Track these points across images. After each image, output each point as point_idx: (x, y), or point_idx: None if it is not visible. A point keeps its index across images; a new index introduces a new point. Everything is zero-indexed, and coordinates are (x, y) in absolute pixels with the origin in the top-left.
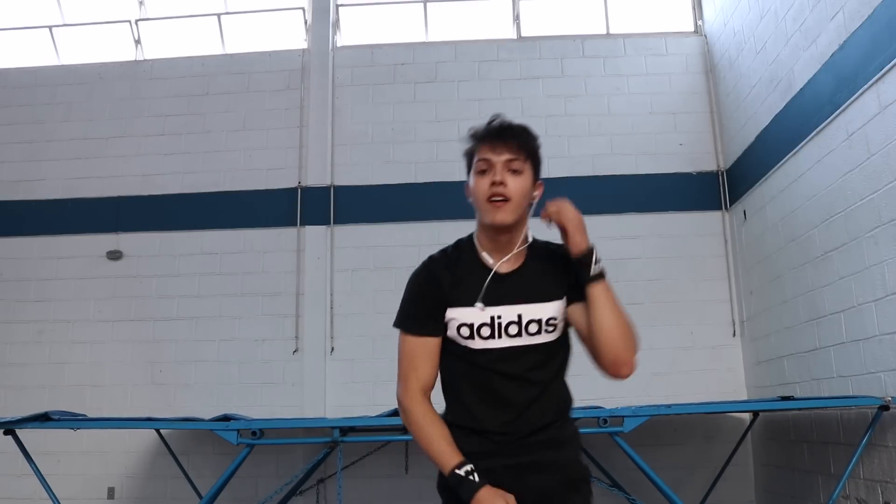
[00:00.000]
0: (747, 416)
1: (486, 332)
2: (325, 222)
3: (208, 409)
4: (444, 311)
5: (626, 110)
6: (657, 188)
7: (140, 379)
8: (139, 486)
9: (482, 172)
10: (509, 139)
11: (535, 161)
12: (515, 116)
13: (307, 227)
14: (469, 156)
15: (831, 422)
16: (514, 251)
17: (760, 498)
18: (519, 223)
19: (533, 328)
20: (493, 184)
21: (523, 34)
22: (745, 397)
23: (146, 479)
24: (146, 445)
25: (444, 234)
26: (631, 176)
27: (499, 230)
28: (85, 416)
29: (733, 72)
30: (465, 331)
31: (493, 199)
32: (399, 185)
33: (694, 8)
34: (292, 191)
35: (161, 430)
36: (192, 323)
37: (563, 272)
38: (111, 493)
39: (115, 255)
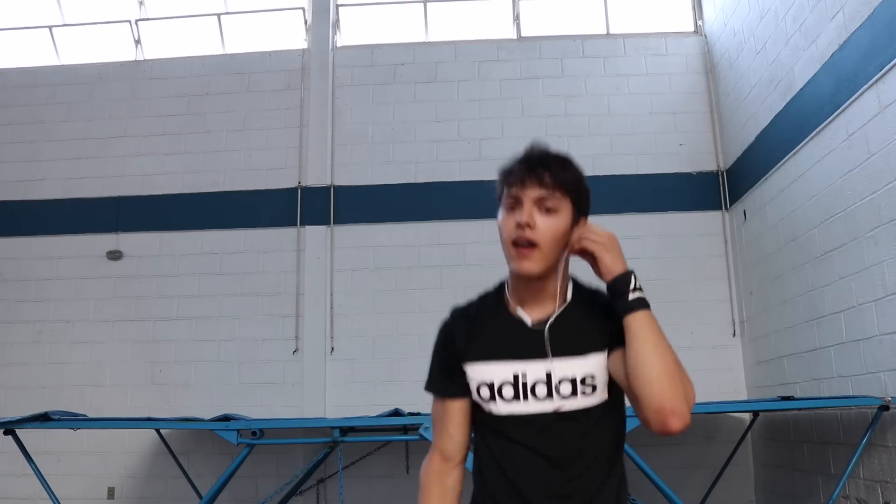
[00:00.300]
0: (747, 416)
1: (508, 392)
2: (325, 222)
3: (208, 409)
4: (462, 369)
5: (627, 110)
6: (657, 188)
7: (140, 379)
8: (139, 485)
9: (511, 209)
10: (541, 172)
11: (576, 196)
12: (515, 116)
13: (307, 227)
14: (499, 189)
15: (831, 422)
16: (557, 311)
17: (760, 498)
18: (551, 271)
19: (565, 388)
20: (519, 225)
21: (523, 34)
22: (745, 397)
23: (146, 478)
24: (146, 445)
25: (444, 234)
26: (631, 176)
27: (527, 278)
28: (85, 416)
29: (733, 72)
30: (485, 391)
31: (518, 243)
32: (399, 185)
33: (694, 8)
34: (292, 191)
35: (161, 430)
36: (193, 323)
37: (606, 319)
38: (111, 492)
39: (115, 255)
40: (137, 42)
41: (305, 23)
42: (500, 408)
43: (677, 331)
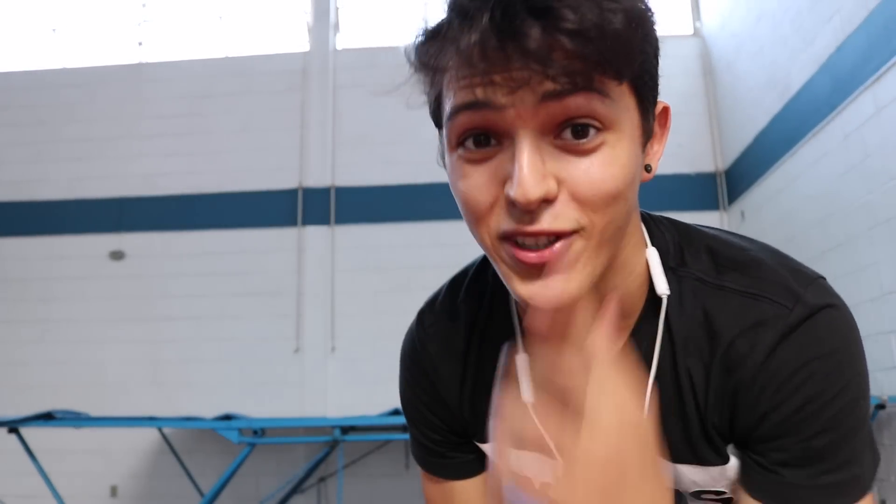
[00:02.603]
0: None
1: None
2: (326, 222)
3: (210, 409)
4: (467, 439)
5: None
6: (656, 189)
7: (142, 378)
8: (141, 484)
9: (475, 153)
10: (541, 47)
11: (642, 72)
12: None
13: (308, 227)
14: (431, 93)
15: None
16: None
17: None
18: (612, 263)
19: None
20: (512, 203)
21: None
22: None
23: (148, 477)
24: (148, 444)
25: (444, 234)
26: None
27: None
28: (88, 415)
29: (731, 74)
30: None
31: (523, 242)
32: (400, 185)
33: (692, 11)
34: (293, 191)
35: (163, 429)
36: (194, 323)
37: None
38: (114, 491)
39: (117, 255)
40: (139, 44)
41: (307, 25)
42: None
43: None
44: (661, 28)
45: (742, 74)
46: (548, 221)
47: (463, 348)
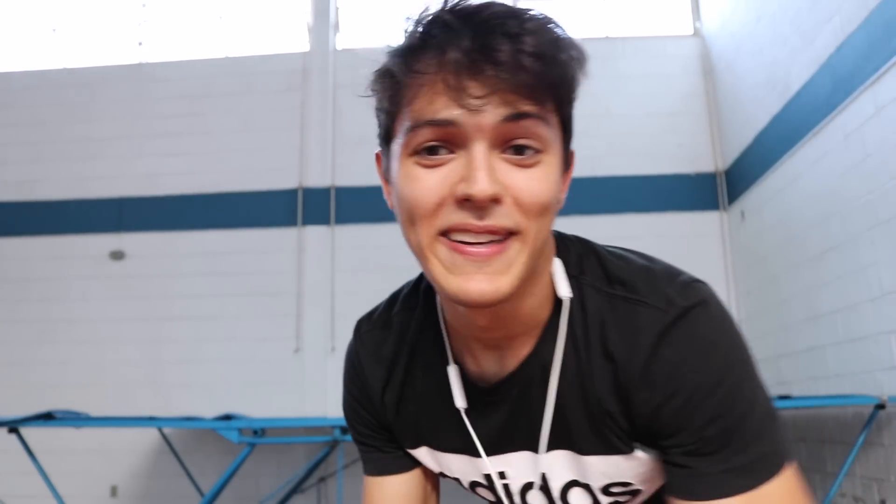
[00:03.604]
0: None
1: (487, 495)
2: (326, 222)
3: (210, 408)
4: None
5: (626, 112)
6: (656, 189)
7: (142, 378)
8: (141, 484)
9: (429, 160)
10: (511, 55)
11: (568, 110)
12: None
13: (308, 227)
14: (386, 104)
15: (828, 420)
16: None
17: None
18: (532, 275)
19: (580, 499)
20: (467, 200)
21: None
22: None
23: (148, 477)
24: (148, 444)
25: None
26: (630, 177)
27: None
28: (88, 415)
29: (731, 74)
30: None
31: (463, 239)
32: None
33: (692, 11)
34: (293, 191)
35: (163, 429)
36: (194, 323)
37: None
38: (114, 491)
39: (117, 255)
40: (140, 44)
41: (307, 25)
42: None
43: None
44: (662, 28)
45: (742, 74)
46: (494, 219)
47: (391, 356)
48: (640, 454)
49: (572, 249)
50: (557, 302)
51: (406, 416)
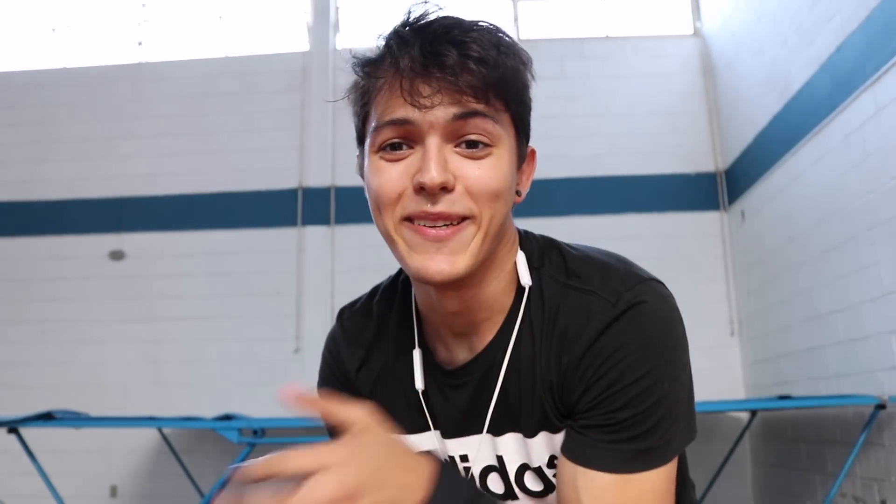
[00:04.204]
0: (745, 415)
1: None
2: (326, 222)
3: (210, 409)
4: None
5: (626, 111)
6: (656, 189)
7: (142, 378)
8: (141, 484)
9: (393, 154)
10: (457, 59)
11: (519, 108)
12: None
13: (308, 227)
14: (358, 109)
15: (828, 420)
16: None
17: (758, 496)
18: (490, 259)
19: (533, 483)
20: (422, 188)
21: (522, 36)
22: (742, 396)
23: (148, 477)
24: (148, 444)
25: None
26: (630, 177)
27: (445, 285)
28: (88, 415)
29: (731, 73)
30: None
31: (423, 224)
32: None
33: (692, 10)
34: (293, 191)
35: (163, 429)
36: (194, 323)
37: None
38: (114, 491)
39: (117, 255)
40: (140, 44)
41: (306, 25)
42: None
43: None
44: (662, 28)
45: (742, 74)
46: (446, 205)
47: (369, 340)
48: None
49: (535, 245)
50: (520, 290)
51: (381, 398)
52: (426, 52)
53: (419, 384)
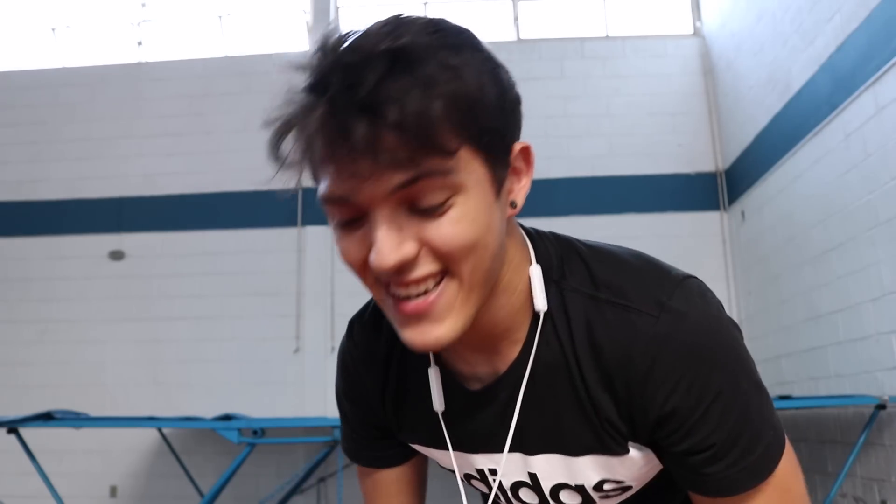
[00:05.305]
0: None
1: (481, 487)
2: (326, 222)
3: (209, 409)
4: (390, 434)
5: (626, 111)
6: (656, 189)
7: (142, 378)
8: (141, 484)
9: (346, 225)
10: (366, 140)
11: (482, 132)
12: None
13: (308, 227)
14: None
15: (828, 421)
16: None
17: None
18: (494, 288)
19: (570, 498)
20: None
21: (522, 36)
22: None
23: (148, 477)
24: (148, 444)
25: None
26: (630, 177)
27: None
28: (87, 415)
29: (731, 73)
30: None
31: (399, 293)
32: None
33: (692, 10)
34: (293, 191)
35: (163, 429)
36: (194, 323)
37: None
38: (113, 491)
39: (117, 255)
40: (139, 44)
41: (306, 25)
42: None
43: None
44: (662, 27)
45: (742, 74)
46: (417, 272)
47: (385, 357)
48: (635, 455)
49: (552, 251)
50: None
51: (403, 413)
52: (329, 124)
53: (437, 405)
